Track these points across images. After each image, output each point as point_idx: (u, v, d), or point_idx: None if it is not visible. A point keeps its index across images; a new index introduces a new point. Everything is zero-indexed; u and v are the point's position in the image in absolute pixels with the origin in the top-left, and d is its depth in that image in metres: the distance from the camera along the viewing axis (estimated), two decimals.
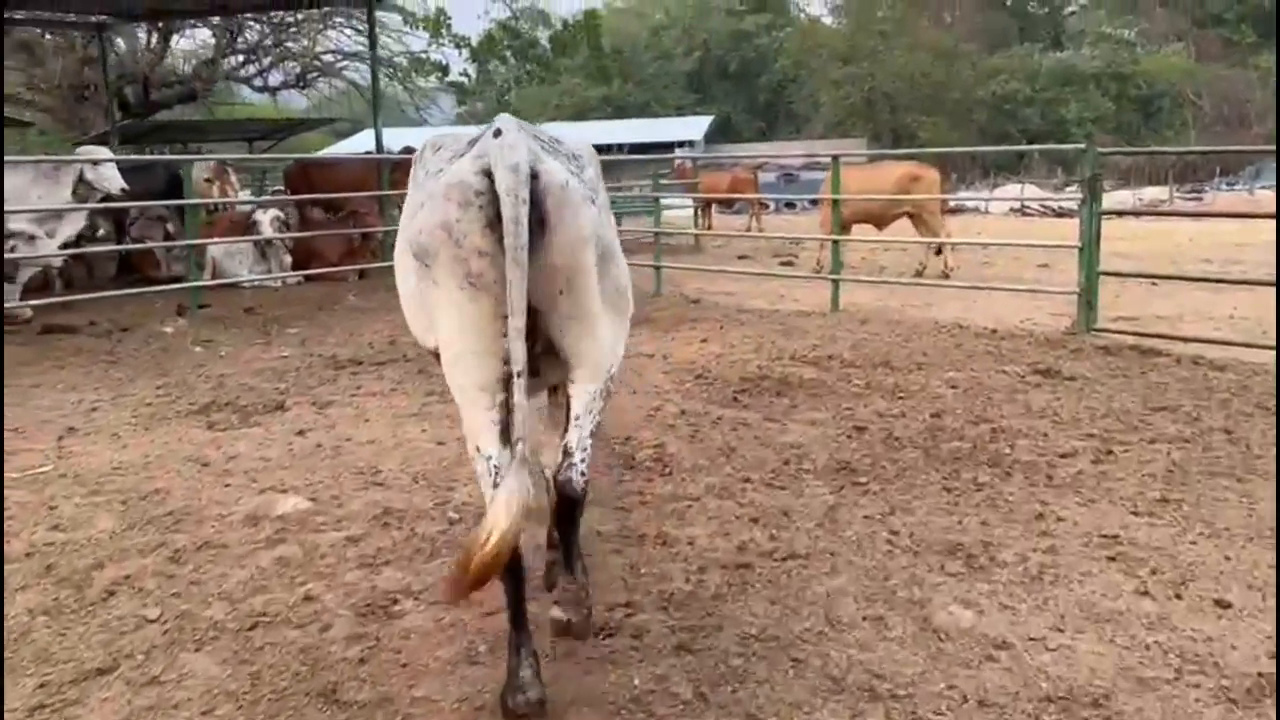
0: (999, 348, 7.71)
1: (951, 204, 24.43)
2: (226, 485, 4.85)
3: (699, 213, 18.95)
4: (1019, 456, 5.04)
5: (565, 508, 2.82)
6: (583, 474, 2.80)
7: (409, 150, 12.82)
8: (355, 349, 8.11)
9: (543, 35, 31.48)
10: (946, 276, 12.18)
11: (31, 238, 8.90)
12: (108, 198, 9.54)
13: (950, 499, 4.51)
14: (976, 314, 9.41)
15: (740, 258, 15.37)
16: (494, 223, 2.54)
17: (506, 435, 2.63)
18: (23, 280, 9.09)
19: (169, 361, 7.71)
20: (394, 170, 12.53)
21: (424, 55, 25.69)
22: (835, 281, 9.95)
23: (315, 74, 24.47)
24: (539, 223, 2.57)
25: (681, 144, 41.92)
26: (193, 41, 24.20)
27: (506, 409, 2.62)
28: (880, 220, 12.96)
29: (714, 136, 49.41)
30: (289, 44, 23.42)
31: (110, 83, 17.36)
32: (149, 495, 4.70)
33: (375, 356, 7.73)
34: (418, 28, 25.25)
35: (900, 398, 6.24)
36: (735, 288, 11.76)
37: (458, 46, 26.80)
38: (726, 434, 5.51)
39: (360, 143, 36.77)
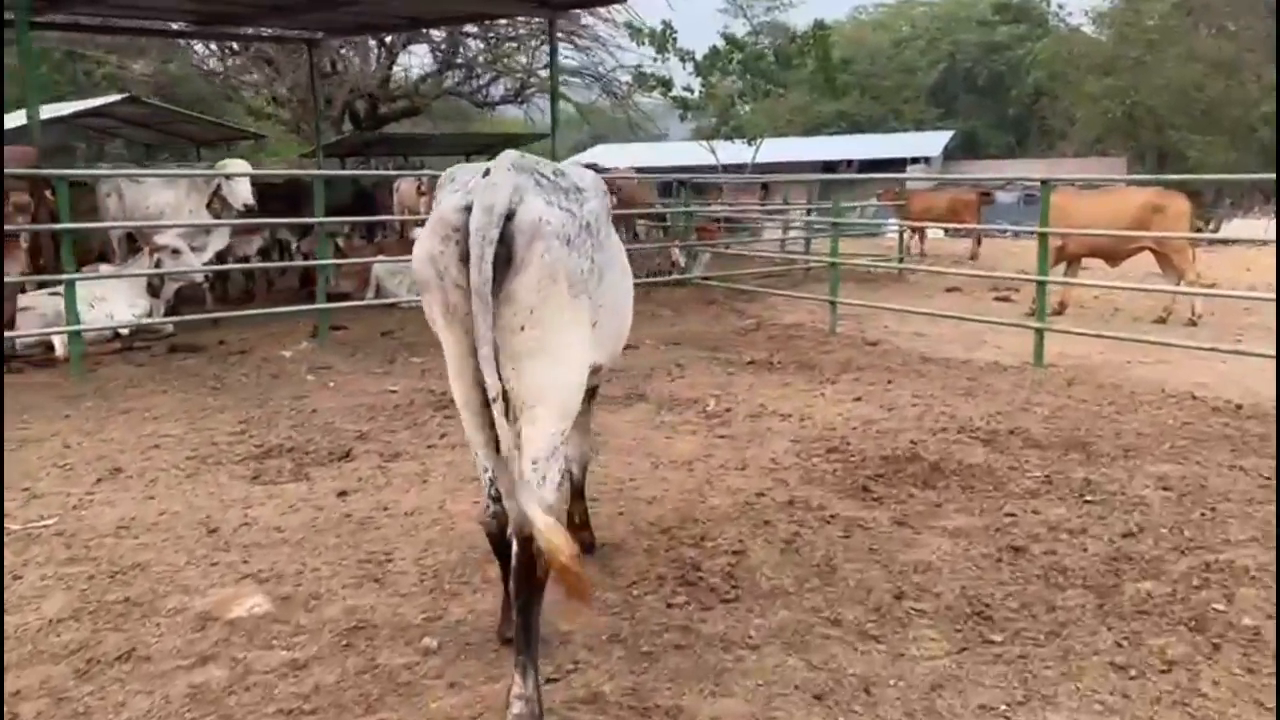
0: (1241, 431, 5.98)
1: (1221, 234, 21.46)
2: (214, 564, 4.12)
3: (904, 238, 17.19)
4: (1236, 618, 3.54)
5: (527, 568, 2.79)
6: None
7: (592, 168, 12.11)
8: None
9: (771, 48, 30.20)
10: (1193, 324, 10.20)
11: (176, 251, 8.74)
12: (250, 212, 9.36)
13: (1119, 684, 3.13)
14: (1221, 379, 7.54)
15: (949, 290, 13.64)
16: (468, 258, 2.60)
17: (498, 448, 2.78)
18: (167, 295, 8.96)
19: (271, 390, 7.21)
20: None
21: (641, 69, 25.17)
22: (1039, 331, 8.29)
23: (532, 90, 24.46)
24: (506, 260, 2.64)
25: (916, 160, 39.69)
26: (414, 57, 24.78)
27: (493, 427, 2.75)
28: (1113, 255, 11.07)
29: (955, 153, 46.61)
30: (506, 60, 23.51)
31: (322, 95, 17.72)
32: (123, 571, 4.04)
33: None
34: (643, 43, 24.79)
35: (1087, 501, 4.76)
36: (930, 328, 10.20)
37: (682, 60, 26.11)
38: (834, 542, 4.27)
39: (586, 159, 36.94)
